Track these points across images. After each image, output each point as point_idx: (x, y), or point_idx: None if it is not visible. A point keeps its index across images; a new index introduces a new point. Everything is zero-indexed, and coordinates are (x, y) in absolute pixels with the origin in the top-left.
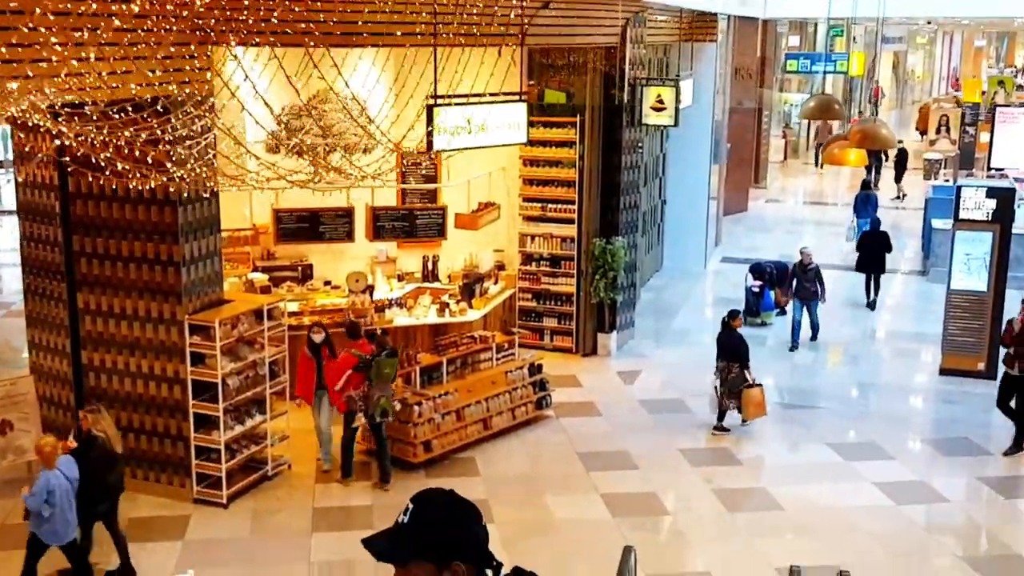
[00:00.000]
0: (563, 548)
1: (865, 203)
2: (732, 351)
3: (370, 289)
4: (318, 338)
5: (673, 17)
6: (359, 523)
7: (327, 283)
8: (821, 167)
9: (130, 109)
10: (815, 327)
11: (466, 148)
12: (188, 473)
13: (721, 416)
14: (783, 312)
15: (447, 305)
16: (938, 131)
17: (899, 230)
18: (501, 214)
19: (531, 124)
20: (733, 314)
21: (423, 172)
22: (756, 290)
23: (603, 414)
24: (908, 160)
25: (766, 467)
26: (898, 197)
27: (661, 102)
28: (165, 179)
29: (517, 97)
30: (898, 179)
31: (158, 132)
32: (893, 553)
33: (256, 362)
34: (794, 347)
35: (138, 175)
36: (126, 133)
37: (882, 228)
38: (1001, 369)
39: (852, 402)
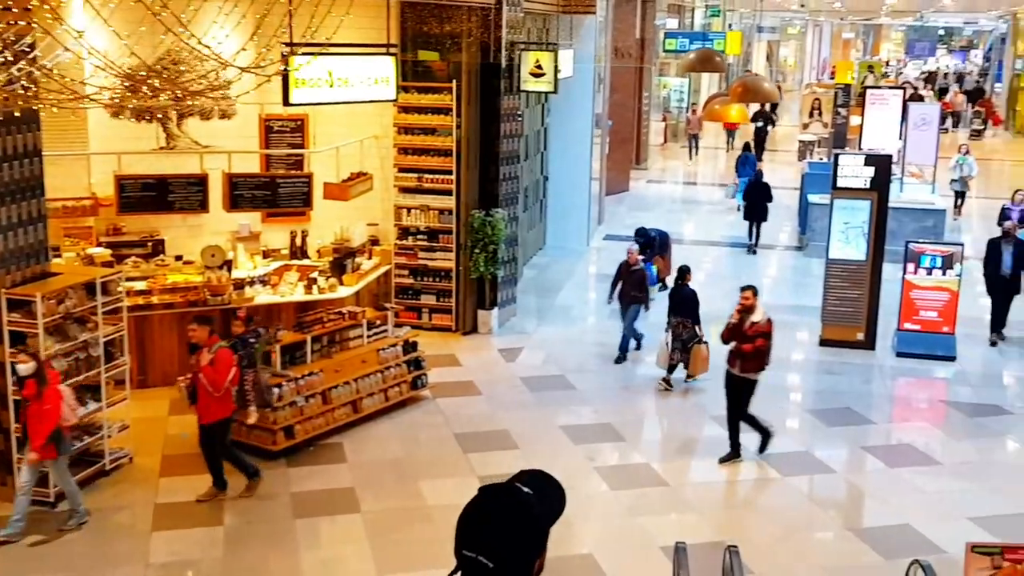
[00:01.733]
0: (436, 536)
1: (744, 163)
2: (686, 307)
3: (228, 264)
4: (24, 369)
5: None
6: (206, 519)
7: (178, 258)
8: (693, 157)
9: None
10: (626, 340)
11: (327, 103)
12: (9, 469)
13: (671, 370)
14: (665, 287)
15: (315, 281)
16: (811, 115)
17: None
18: (375, 185)
19: (405, 90)
20: (685, 270)
21: (287, 140)
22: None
23: (483, 393)
24: (767, 140)
25: (650, 443)
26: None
27: (540, 67)
28: None
29: (384, 50)
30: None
31: None
32: (781, 526)
33: (88, 343)
34: (620, 359)
35: None
36: None
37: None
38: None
39: None
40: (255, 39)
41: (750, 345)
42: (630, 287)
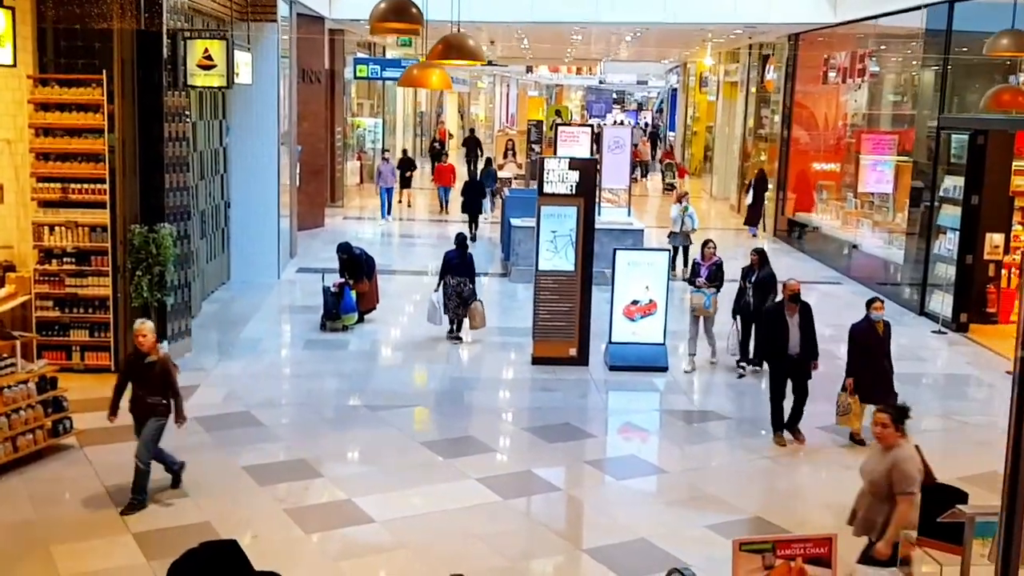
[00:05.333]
0: None
1: (486, 176)
2: (468, 269)
3: None
4: None
5: None
6: None
7: None
8: (387, 216)
9: None
10: (147, 472)
11: None
12: None
13: (459, 327)
14: (362, 319)
15: None
16: (505, 155)
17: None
18: (7, 199)
19: (44, 83)
20: (463, 237)
21: None
22: (335, 290)
23: None
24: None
25: (353, 476)
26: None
27: (210, 59)
28: None
29: None
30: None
31: None
32: (507, 555)
33: None
34: (138, 505)
35: None
36: None
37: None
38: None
39: (447, 398)
40: None
41: None
42: (146, 391)
